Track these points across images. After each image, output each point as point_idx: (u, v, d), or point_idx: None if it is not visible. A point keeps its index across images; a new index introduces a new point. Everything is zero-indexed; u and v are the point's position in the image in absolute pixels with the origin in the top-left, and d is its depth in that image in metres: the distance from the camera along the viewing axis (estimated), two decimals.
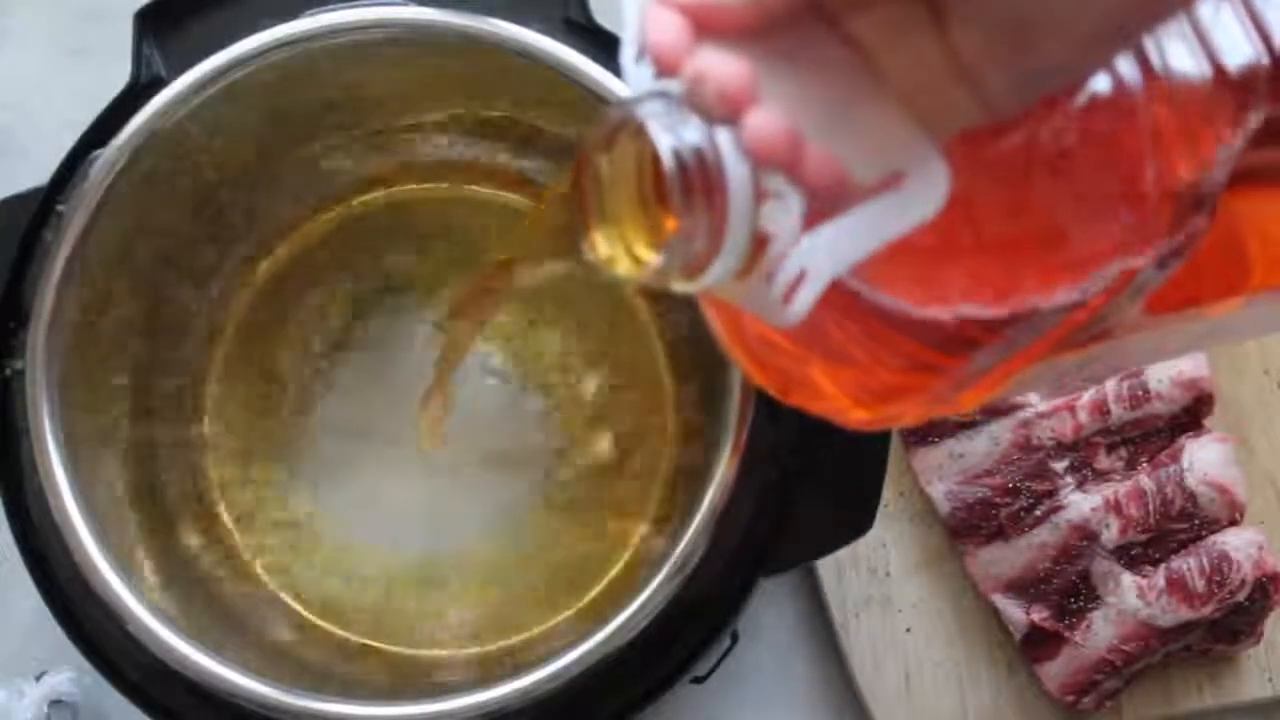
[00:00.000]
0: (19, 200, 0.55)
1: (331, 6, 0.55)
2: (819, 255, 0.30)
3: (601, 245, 0.31)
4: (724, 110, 0.28)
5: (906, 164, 0.30)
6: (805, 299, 0.30)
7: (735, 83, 0.28)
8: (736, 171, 0.28)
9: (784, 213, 0.29)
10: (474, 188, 0.67)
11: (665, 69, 0.29)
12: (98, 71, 0.59)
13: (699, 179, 0.28)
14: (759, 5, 0.29)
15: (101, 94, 0.55)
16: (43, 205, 0.54)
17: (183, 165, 0.58)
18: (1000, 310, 0.33)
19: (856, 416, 0.36)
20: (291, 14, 0.55)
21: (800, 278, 0.30)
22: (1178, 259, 0.33)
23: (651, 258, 0.30)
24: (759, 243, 0.30)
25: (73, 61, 0.72)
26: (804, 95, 0.29)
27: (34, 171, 0.56)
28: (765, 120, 0.28)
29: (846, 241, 0.30)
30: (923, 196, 0.30)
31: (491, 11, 0.55)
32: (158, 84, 0.55)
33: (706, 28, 0.29)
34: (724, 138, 0.28)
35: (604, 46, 0.55)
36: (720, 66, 0.28)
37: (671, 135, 0.29)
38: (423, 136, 0.65)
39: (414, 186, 0.67)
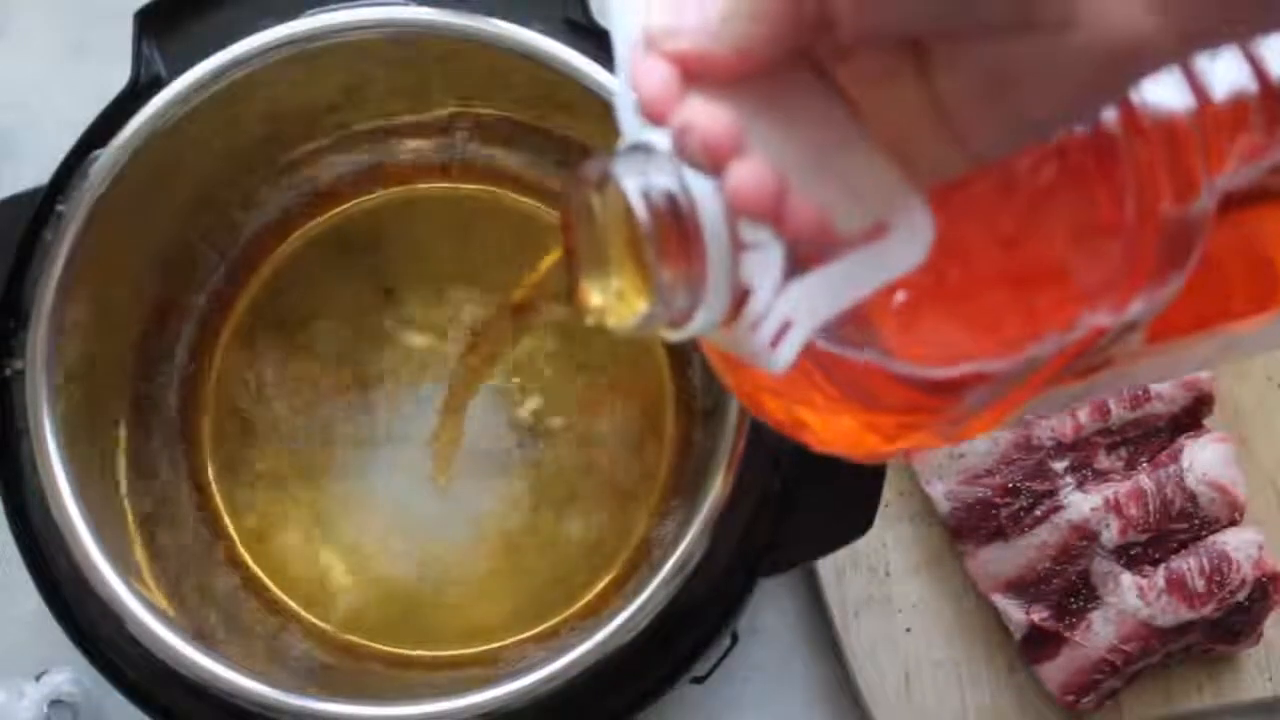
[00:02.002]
0: (19, 200, 0.55)
1: (331, 6, 0.55)
2: (802, 305, 0.30)
3: (592, 294, 0.31)
4: (709, 161, 0.28)
5: (890, 214, 0.30)
6: (790, 348, 0.30)
7: (720, 134, 0.28)
8: (712, 223, 0.29)
9: (765, 263, 0.29)
10: (474, 187, 0.67)
11: (654, 118, 0.29)
12: (98, 71, 0.58)
13: (674, 231, 0.29)
14: (745, 53, 0.29)
15: (101, 94, 0.55)
16: (43, 205, 0.54)
17: (183, 165, 0.58)
18: (986, 354, 0.33)
19: (856, 453, 0.36)
20: (291, 14, 0.55)
21: (784, 327, 0.30)
22: (1171, 289, 0.33)
23: (640, 307, 0.30)
24: (742, 292, 0.30)
25: (73, 61, 0.72)
26: (789, 144, 0.29)
27: (34, 171, 0.56)
28: (749, 172, 0.28)
29: (829, 292, 0.30)
30: (906, 247, 0.30)
31: (491, 11, 0.55)
32: (158, 84, 0.55)
33: (694, 76, 0.29)
34: (701, 189, 0.29)
35: (604, 46, 0.55)
36: (705, 117, 0.28)
37: (644, 188, 0.29)
38: (423, 137, 0.65)
39: (414, 186, 0.67)
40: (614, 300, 0.31)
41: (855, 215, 0.30)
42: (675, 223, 0.29)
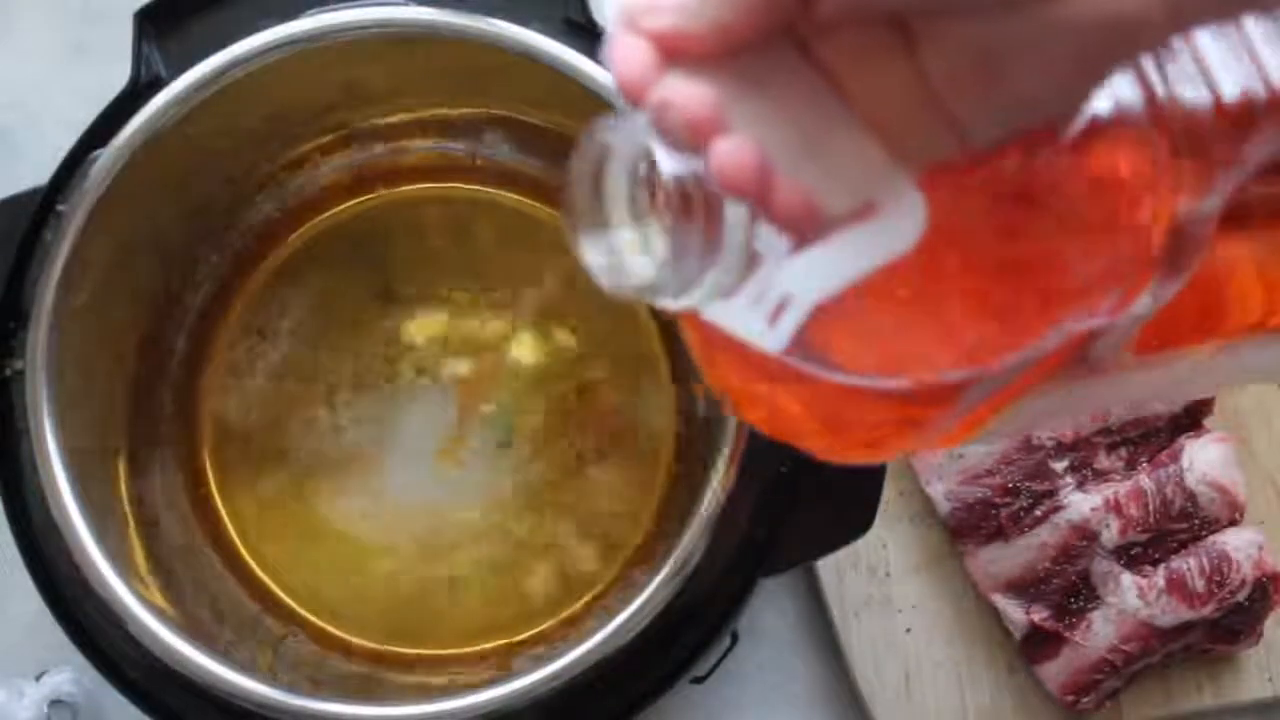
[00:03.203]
0: (19, 200, 0.55)
1: (331, 6, 0.55)
2: (799, 283, 0.30)
3: (592, 256, 0.30)
4: (691, 138, 0.27)
5: (879, 195, 0.29)
6: (787, 325, 0.30)
7: (701, 110, 0.27)
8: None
9: (769, 237, 0.29)
10: (474, 187, 0.67)
11: (631, 97, 0.28)
12: (98, 71, 0.59)
13: (698, 195, 0.28)
14: (725, 30, 0.28)
15: (101, 94, 0.55)
16: (43, 205, 0.54)
17: (182, 165, 0.58)
18: (967, 360, 0.32)
19: (837, 456, 0.36)
20: (291, 14, 0.55)
21: (782, 305, 0.30)
22: (1169, 291, 0.33)
23: (642, 270, 0.29)
24: (750, 262, 0.29)
25: (73, 61, 0.72)
26: (774, 123, 0.28)
27: (34, 171, 0.56)
28: (732, 149, 0.27)
29: (822, 271, 0.30)
30: (896, 229, 0.30)
31: (491, 11, 0.55)
32: (158, 84, 0.55)
33: (674, 55, 0.28)
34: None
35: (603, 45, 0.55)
36: (685, 93, 0.27)
37: (671, 152, 0.28)
38: (422, 136, 0.65)
39: (414, 186, 0.67)
40: (612, 262, 0.30)
41: (843, 196, 0.29)
42: (699, 190, 0.28)
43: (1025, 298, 0.32)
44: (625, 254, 0.30)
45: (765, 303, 0.30)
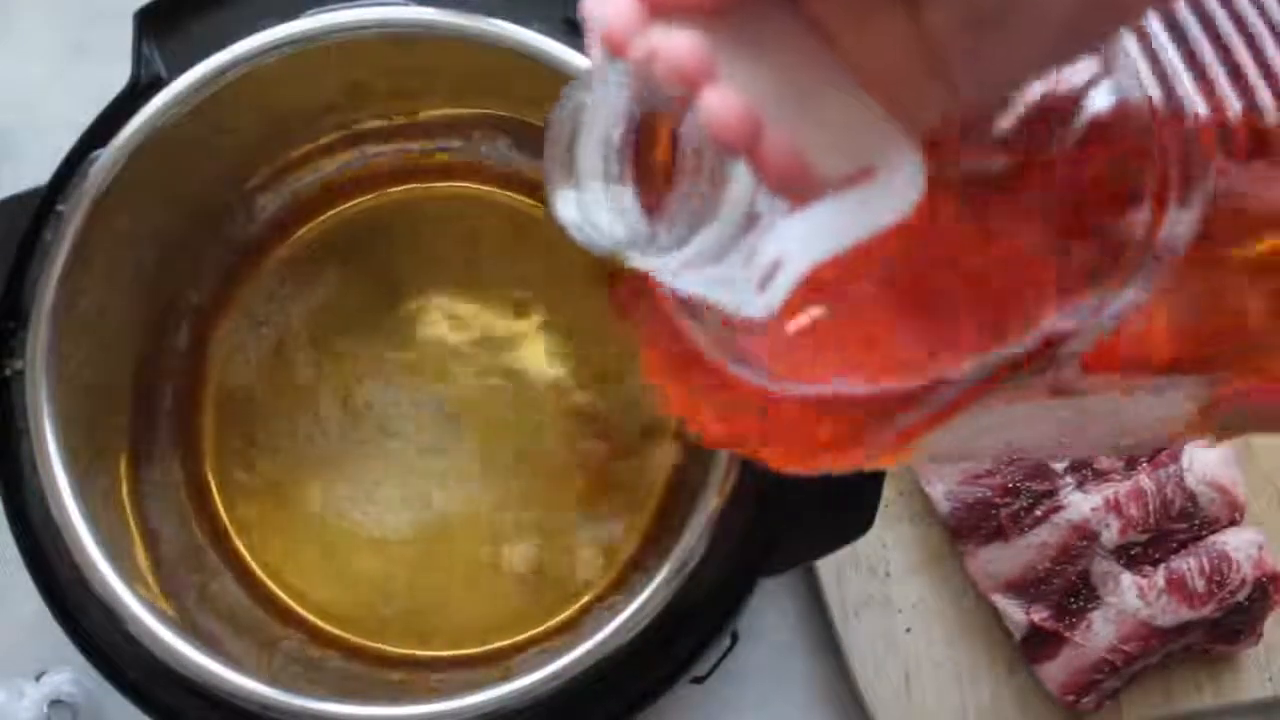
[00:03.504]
0: (19, 200, 0.55)
1: (331, 6, 0.55)
2: (792, 246, 0.29)
3: (566, 212, 0.29)
4: (679, 88, 0.26)
5: (877, 158, 0.28)
6: (778, 290, 0.29)
7: (689, 58, 0.26)
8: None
9: (768, 196, 0.28)
10: (474, 186, 0.67)
11: (615, 50, 0.27)
12: (98, 71, 0.58)
13: (705, 151, 0.27)
14: None
15: (101, 94, 0.55)
16: (43, 205, 0.54)
17: (183, 165, 0.58)
18: (952, 356, 0.32)
19: (789, 463, 0.35)
20: (291, 14, 0.55)
21: (774, 268, 0.29)
22: (1140, 304, 0.32)
23: (613, 228, 0.28)
24: (746, 223, 0.28)
25: (73, 61, 0.72)
26: (765, 80, 0.27)
27: (34, 171, 0.56)
28: (722, 98, 0.26)
29: (817, 234, 0.29)
30: (894, 193, 0.29)
31: (491, 11, 0.55)
32: (158, 84, 0.55)
33: (659, 9, 0.27)
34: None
35: None
36: (673, 42, 0.26)
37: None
38: (423, 137, 0.65)
39: (414, 186, 0.67)
40: (589, 216, 0.29)
41: (838, 158, 0.28)
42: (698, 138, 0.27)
43: (1014, 293, 0.31)
44: (598, 211, 0.29)
45: (755, 267, 0.29)
